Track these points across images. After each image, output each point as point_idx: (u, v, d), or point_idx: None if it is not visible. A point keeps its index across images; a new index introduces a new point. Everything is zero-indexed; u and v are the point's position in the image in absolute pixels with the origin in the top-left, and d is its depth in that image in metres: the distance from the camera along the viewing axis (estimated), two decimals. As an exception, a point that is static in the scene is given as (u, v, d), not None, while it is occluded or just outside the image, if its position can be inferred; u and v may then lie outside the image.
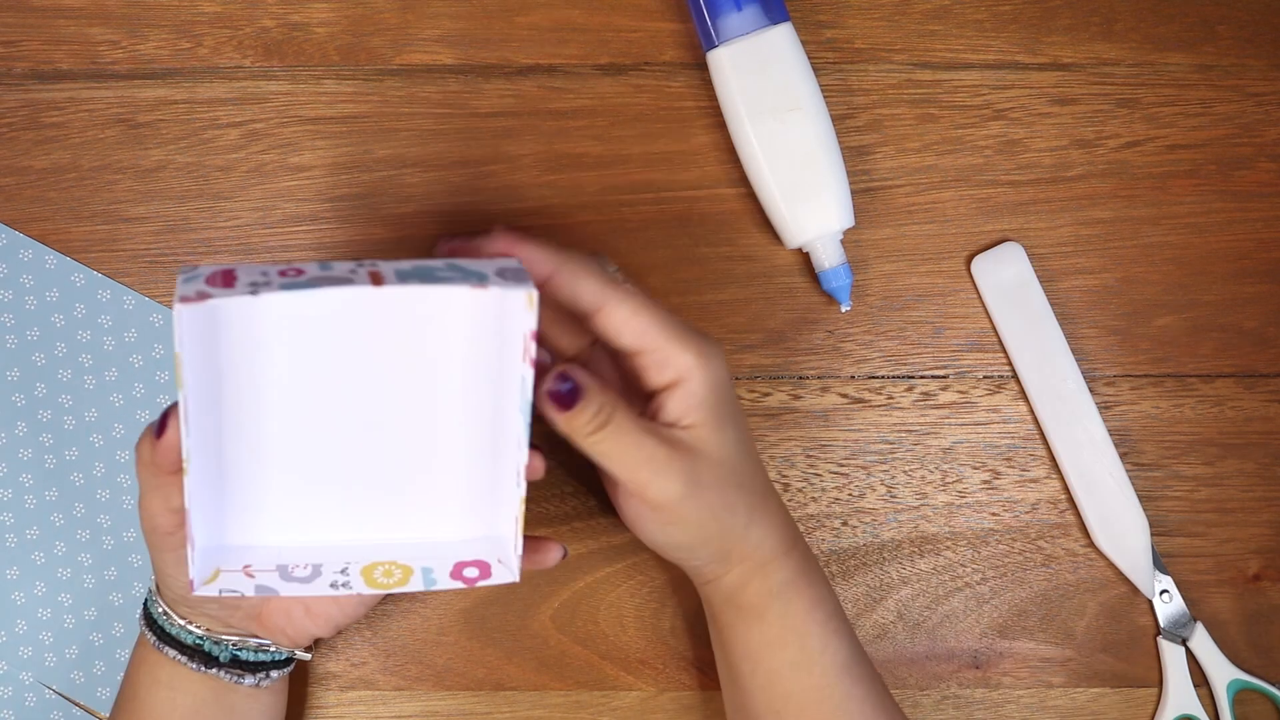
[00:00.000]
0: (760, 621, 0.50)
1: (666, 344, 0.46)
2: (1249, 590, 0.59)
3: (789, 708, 0.50)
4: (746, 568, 0.49)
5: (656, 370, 0.47)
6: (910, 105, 0.60)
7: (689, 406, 0.47)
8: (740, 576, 0.49)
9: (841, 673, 0.50)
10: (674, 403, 0.47)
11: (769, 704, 0.50)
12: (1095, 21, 0.60)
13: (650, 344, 0.46)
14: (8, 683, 0.58)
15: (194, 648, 0.50)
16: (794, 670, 0.49)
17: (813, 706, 0.50)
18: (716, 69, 0.56)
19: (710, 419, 0.47)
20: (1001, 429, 0.59)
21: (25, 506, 0.58)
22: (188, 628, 0.50)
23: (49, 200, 0.59)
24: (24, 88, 0.59)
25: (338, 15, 0.60)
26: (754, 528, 0.49)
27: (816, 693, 0.50)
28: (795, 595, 0.49)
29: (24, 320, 0.59)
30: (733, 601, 0.50)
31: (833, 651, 0.50)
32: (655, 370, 0.47)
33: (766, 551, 0.49)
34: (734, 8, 0.56)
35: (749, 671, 0.50)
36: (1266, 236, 0.60)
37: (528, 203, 0.59)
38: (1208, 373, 0.59)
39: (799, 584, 0.50)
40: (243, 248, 0.59)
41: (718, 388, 0.47)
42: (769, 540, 0.49)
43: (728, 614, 0.51)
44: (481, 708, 0.58)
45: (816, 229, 0.56)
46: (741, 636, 0.50)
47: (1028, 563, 0.59)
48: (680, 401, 0.47)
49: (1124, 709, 0.58)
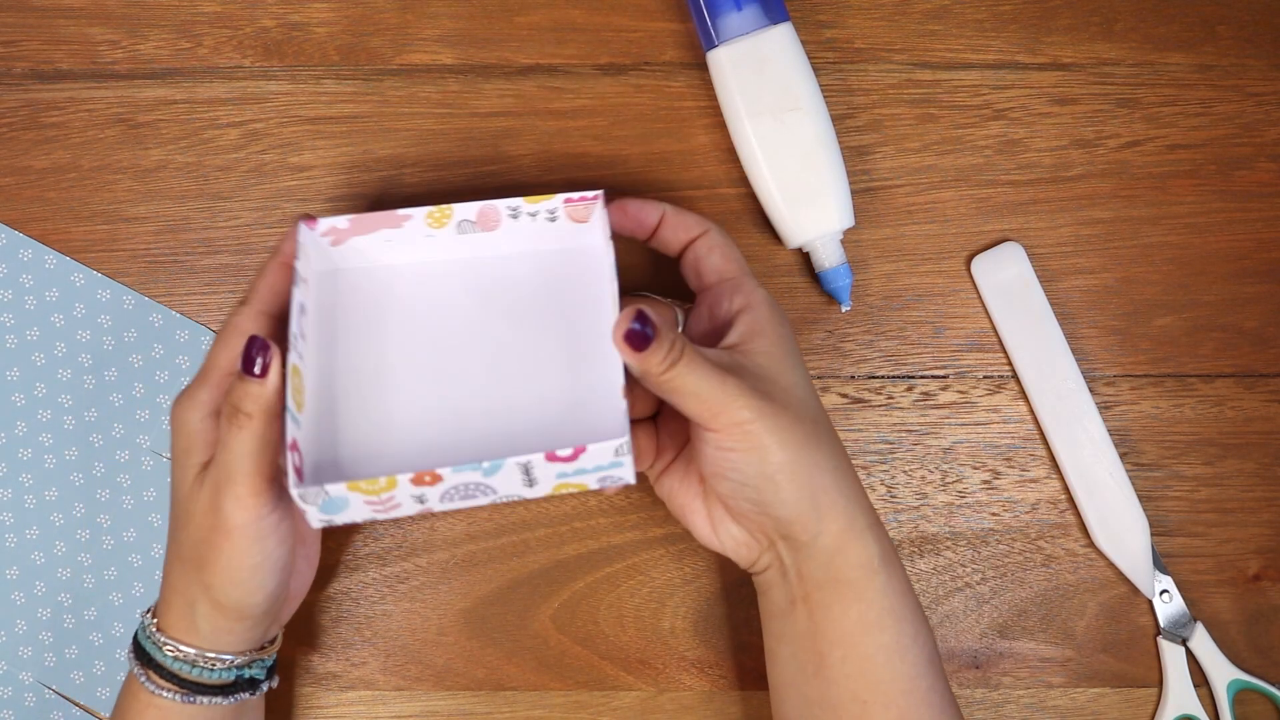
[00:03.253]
0: (860, 600, 0.48)
1: (743, 275, 0.51)
2: (1249, 590, 0.59)
3: (876, 697, 0.48)
4: (841, 526, 0.48)
5: (729, 296, 0.50)
6: (910, 105, 0.60)
7: (755, 330, 0.49)
8: (838, 537, 0.48)
9: (928, 665, 0.49)
10: (742, 324, 0.49)
11: (856, 693, 0.48)
12: (1095, 21, 0.60)
13: (731, 270, 0.51)
14: (8, 683, 0.58)
15: (234, 682, 0.50)
16: (888, 657, 0.48)
17: (901, 698, 0.48)
18: (716, 69, 0.56)
19: (774, 347, 0.49)
20: (1001, 429, 0.59)
21: (25, 506, 0.58)
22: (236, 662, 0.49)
23: (49, 200, 0.59)
24: (24, 88, 0.59)
25: (338, 15, 0.60)
26: (840, 475, 0.48)
27: (907, 682, 0.48)
28: (893, 573, 0.49)
29: (24, 320, 0.59)
30: (832, 573, 0.48)
31: (923, 641, 0.49)
32: (729, 296, 0.50)
33: (859, 510, 0.48)
34: (734, 8, 0.56)
35: (839, 659, 0.48)
36: (1266, 236, 0.60)
37: (528, 203, 0.59)
38: (1208, 373, 0.59)
39: (894, 562, 0.49)
40: (243, 248, 0.59)
41: (782, 325, 0.50)
42: (859, 496, 0.49)
43: (824, 592, 0.48)
44: (481, 708, 0.58)
45: (816, 229, 0.56)
46: (838, 618, 0.48)
47: (1028, 563, 0.59)
48: (747, 324, 0.49)
49: (1124, 709, 0.58)
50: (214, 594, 0.48)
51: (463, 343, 0.51)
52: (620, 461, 0.46)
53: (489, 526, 0.58)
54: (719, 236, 0.52)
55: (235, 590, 0.48)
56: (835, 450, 0.49)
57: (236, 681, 0.50)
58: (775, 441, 0.46)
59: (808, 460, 0.47)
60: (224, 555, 0.47)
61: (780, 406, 0.47)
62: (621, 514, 0.58)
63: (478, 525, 0.58)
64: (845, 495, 0.48)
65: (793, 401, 0.48)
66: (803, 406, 0.48)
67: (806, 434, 0.47)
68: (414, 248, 0.52)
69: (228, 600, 0.48)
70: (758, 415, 0.46)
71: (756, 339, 0.49)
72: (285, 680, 0.58)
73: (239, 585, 0.48)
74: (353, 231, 0.51)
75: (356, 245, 0.51)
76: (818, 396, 0.50)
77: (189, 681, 0.49)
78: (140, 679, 0.49)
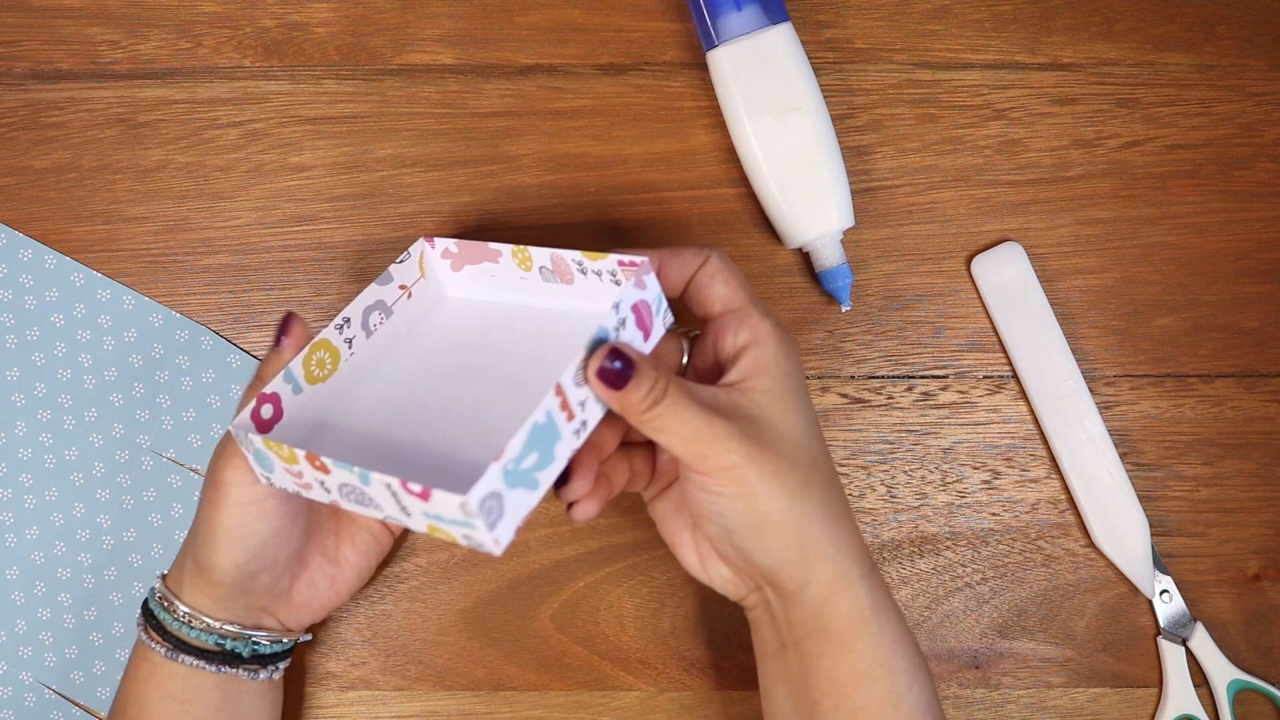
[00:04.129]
0: (850, 653, 0.47)
1: (749, 304, 0.48)
2: (1249, 590, 0.59)
3: None
4: (830, 576, 0.46)
5: (735, 329, 0.48)
6: (910, 105, 0.60)
7: (758, 368, 0.46)
8: (826, 589, 0.47)
9: (925, 711, 0.47)
10: (745, 361, 0.47)
11: None
12: (1095, 21, 0.60)
13: (737, 299, 0.48)
14: (8, 683, 0.58)
15: (216, 650, 0.50)
16: (880, 707, 0.47)
17: None
18: (716, 69, 0.56)
19: (776, 386, 0.46)
20: (1001, 429, 0.59)
21: (25, 506, 0.58)
22: (213, 626, 0.50)
23: (49, 200, 0.59)
24: (24, 88, 0.59)
25: (338, 15, 0.60)
26: (832, 524, 0.46)
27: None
28: (885, 622, 0.47)
29: (24, 320, 0.58)
30: (820, 624, 0.47)
31: (918, 690, 0.47)
32: (734, 329, 0.48)
33: (850, 561, 0.47)
34: (734, 8, 0.56)
35: (831, 708, 0.47)
36: (1266, 236, 0.60)
37: (528, 203, 0.59)
38: (1208, 373, 0.59)
39: (889, 610, 0.47)
40: (242, 248, 0.59)
41: (788, 360, 0.47)
42: (851, 547, 0.47)
43: (814, 642, 0.47)
44: (481, 708, 0.58)
45: (816, 229, 0.56)
46: (828, 669, 0.47)
47: (1028, 563, 0.59)
48: (750, 361, 0.47)
49: (1124, 709, 0.58)
50: (195, 551, 0.50)
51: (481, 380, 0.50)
52: (470, 522, 0.41)
53: (489, 526, 0.58)
54: (720, 262, 0.49)
55: (207, 548, 0.49)
56: (830, 497, 0.47)
57: (218, 650, 0.50)
58: (765, 489, 0.45)
59: (798, 510, 0.45)
60: (206, 510, 0.49)
61: (773, 452, 0.45)
62: (621, 514, 0.58)
63: (478, 525, 0.58)
64: (836, 545, 0.46)
65: (788, 446, 0.46)
66: (799, 451, 0.46)
67: (800, 481, 0.45)
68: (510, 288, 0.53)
69: (201, 557, 0.49)
70: (747, 460, 0.44)
71: (757, 377, 0.46)
72: (285, 680, 0.58)
73: (210, 543, 0.49)
74: (464, 259, 0.53)
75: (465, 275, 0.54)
76: (820, 438, 0.48)
77: (171, 635, 0.50)
78: (139, 630, 0.51)
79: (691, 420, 0.44)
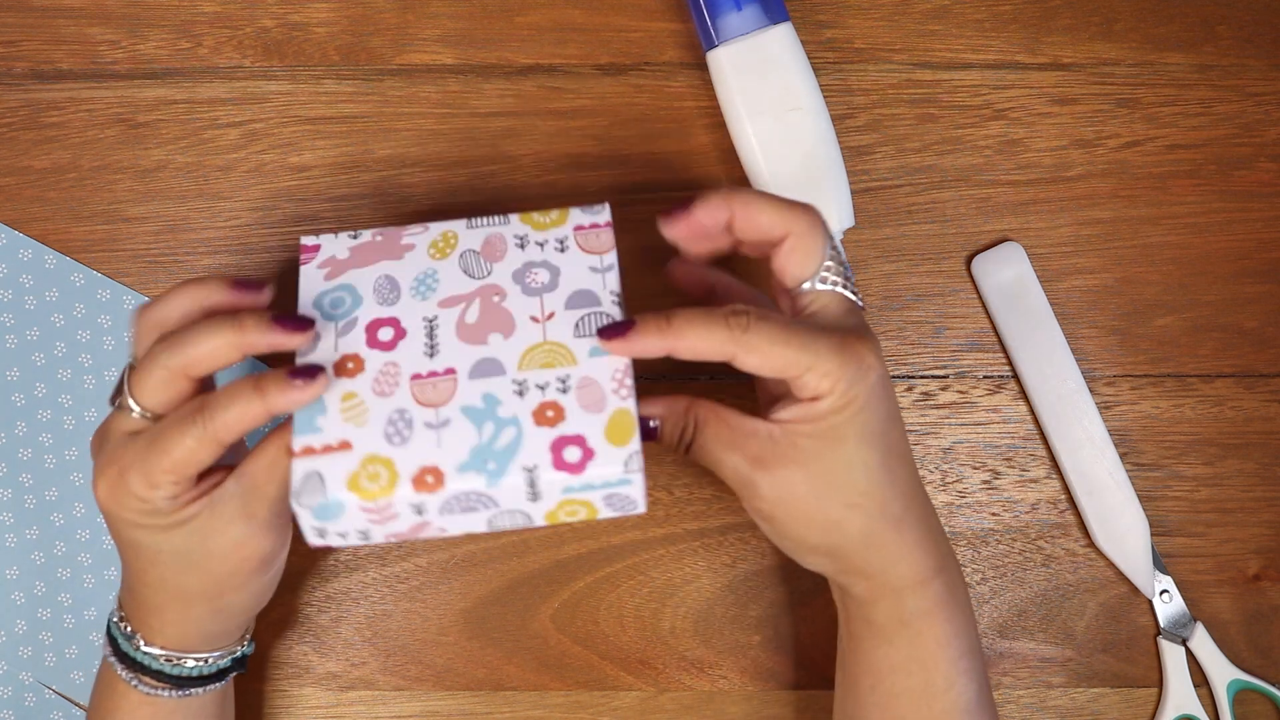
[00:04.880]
0: (888, 645, 0.48)
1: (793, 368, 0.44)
2: (1249, 590, 0.59)
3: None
4: (872, 586, 0.47)
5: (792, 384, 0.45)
6: (910, 105, 0.60)
7: (804, 415, 0.45)
8: (868, 593, 0.48)
9: (964, 713, 0.48)
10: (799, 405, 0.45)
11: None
12: (1095, 21, 0.60)
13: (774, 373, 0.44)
14: (8, 683, 0.58)
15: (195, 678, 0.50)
16: (914, 700, 0.47)
17: None
18: (716, 69, 0.56)
19: (826, 434, 0.45)
20: (1001, 429, 0.59)
21: (25, 506, 0.58)
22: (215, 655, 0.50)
23: (49, 200, 0.59)
24: (24, 88, 0.59)
25: (338, 15, 0.60)
26: (876, 552, 0.47)
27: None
28: (928, 627, 0.47)
29: (24, 320, 0.59)
30: (863, 615, 0.48)
31: (958, 691, 0.47)
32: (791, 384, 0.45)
33: (896, 578, 0.47)
34: (734, 8, 0.56)
35: (869, 687, 0.48)
36: (1266, 236, 0.60)
37: (528, 203, 0.59)
38: (1208, 373, 0.59)
39: (935, 616, 0.47)
40: (242, 248, 0.59)
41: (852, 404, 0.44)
42: (899, 568, 0.47)
43: (857, 625, 0.49)
44: (481, 708, 0.58)
45: None
46: (867, 652, 0.48)
47: (1028, 563, 0.59)
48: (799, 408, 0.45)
49: (1124, 709, 0.58)
50: (232, 610, 0.48)
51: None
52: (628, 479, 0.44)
53: (489, 526, 0.58)
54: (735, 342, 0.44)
55: (255, 605, 0.49)
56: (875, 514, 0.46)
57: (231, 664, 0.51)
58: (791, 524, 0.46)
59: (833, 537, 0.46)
60: (254, 581, 0.47)
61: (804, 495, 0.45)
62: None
63: (478, 525, 0.58)
64: (880, 567, 0.47)
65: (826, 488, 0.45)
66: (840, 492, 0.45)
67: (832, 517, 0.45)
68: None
69: (246, 614, 0.49)
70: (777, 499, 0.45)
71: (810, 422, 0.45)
72: (285, 680, 0.58)
73: (260, 600, 0.49)
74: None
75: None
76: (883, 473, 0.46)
77: (185, 679, 0.49)
78: (133, 683, 0.49)
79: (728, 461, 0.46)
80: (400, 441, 0.45)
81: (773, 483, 0.45)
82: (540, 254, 0.48)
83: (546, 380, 0.46)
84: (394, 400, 0.46)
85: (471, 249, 0.49)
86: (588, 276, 0.48)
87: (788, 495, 0.45)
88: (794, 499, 0.45)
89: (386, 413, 0.45)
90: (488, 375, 0.46)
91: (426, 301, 0.48)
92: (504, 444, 0.45)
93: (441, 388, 0.46)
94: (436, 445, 0.45)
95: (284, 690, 0.58)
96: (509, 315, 0.47)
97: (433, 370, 0.46)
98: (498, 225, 0.49)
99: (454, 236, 0.49)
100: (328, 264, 0.49)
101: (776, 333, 0.43)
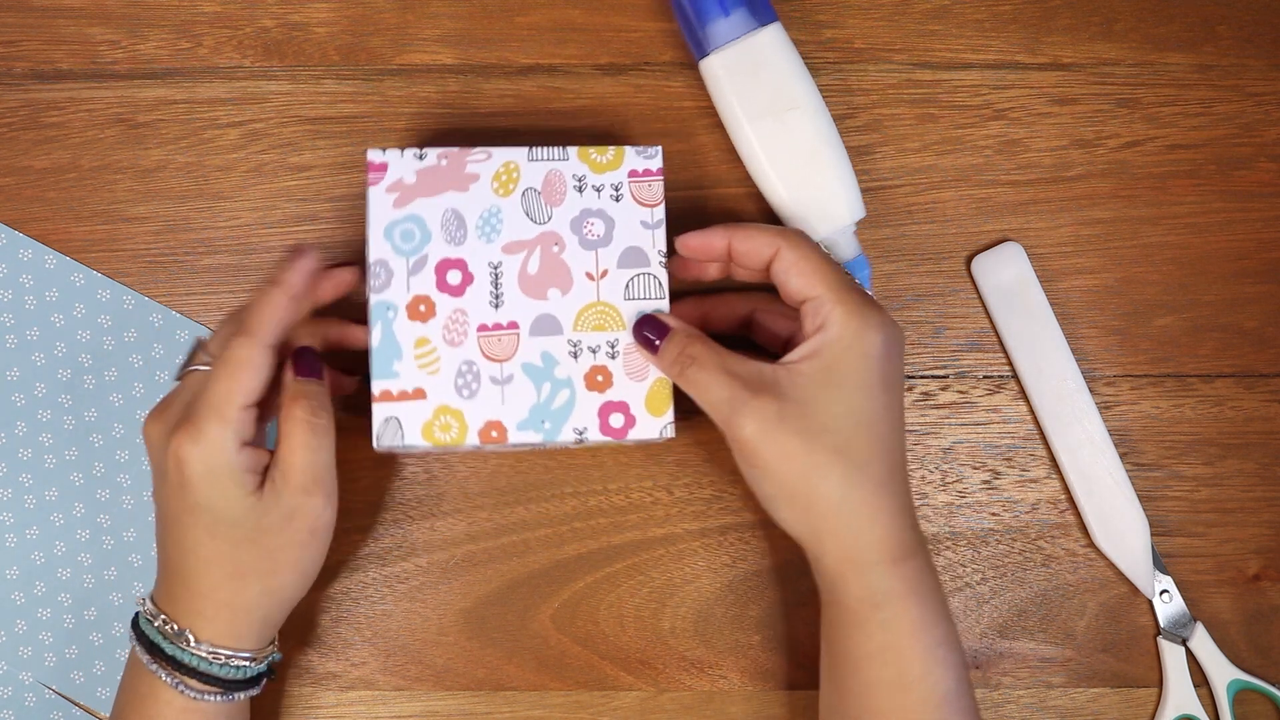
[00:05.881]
0: (860, 631, 0.48)
1: (826, 291, 0.48)
2: (1249, 590, 0.59)
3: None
4: (840, 557, 0.48)
5: (812, 316, 0.48)
6: (910, 105, 0.60)
7: (813, 350, 0.48)
8: (839, 568, 0.48)
9: (940, 703, 0.47)
10: (807, 344, 0.48)
11: (860, 715, 0.48)
12: (1095, 21, 0.60)
13: (811, 290, 0.48)
14: (8, 683, 0.58)
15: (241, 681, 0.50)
16: (890, 690, 0.47)
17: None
18: (711, 77, 0.56)
19: (822, 373, 0.47)
20: (1001, 429, 0.59)
21: (25, 506, 0.58)
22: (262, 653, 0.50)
23: (49, 200, 0.59)
24: (24, 88, 0.59)
25: (338, 15, 0.60)
26: (851, 511, 0.47)
27: (912, 714, 0.47)
28: (901, 612, 0.47)
29: (24, 320, 0.59)
30: (834, 597, 0.49)
31: (934, 680, 0.47)
32: (811, 316, 0.48)
33: (869, 550, 0.47)
34: (721, 13, 0.55)
35: (847, 674, 0.49)
36: (1266, 236, 0.60)
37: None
38: (1208, 373, 0.59)
39: (907, 600, 0.47)
40: (243, 248, 0.59)
41: (853, 349, 0.47)
42: (873, 536, 0.47)
43: (832, 610, 0.49)
44: (481, 708, 0.58)
45: (830, 225, 0.56)
46: (841, 639, 0.49)
47: (1028, 563, 0.59)
48: (811, 345, 0.48)
49: (1124, 709, 0.58)
50: (283, 594, 0.50)
51: None
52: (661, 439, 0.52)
53: (489, 526, 0.58)
54: (791, 254, 0.49)
55: (304, 582, 0.51)
56: (855, 481, 0.47)
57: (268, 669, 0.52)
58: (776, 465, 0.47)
59: (807, 489, 0.47)
60: (308, 555, 0.50)
61: (792, 431, 0.46)
62: (621, 514, 0.58)
63: (478, 525, 0.58)
64: (854, 529, 0.47)
65: (813, 427, 0.46)
66: (824, 434, 0.46)
67: (815, 464, 0.46)
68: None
69: (295, 595, 0.51)
70: (760, 435, 0.47)
71: (809, 360, 0.48)
72: (285, 680, 0.58)
73: (308, 576, 0.51)
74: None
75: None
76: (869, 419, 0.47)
77: (232, 682, 0.50)
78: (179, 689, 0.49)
79: (718, 389, 0.47)
80: (469, 395, 0.51)
81: (761, 412, 0.46)
82: (597, 201, 0.52)
83: (598, 344, 0.52)
84: (463, 351, 0.51)
85: (533, 187, 0.52)
86: (639, 233, 0.52)
87: (773, 428, 0.46)
88: (779, 433, 0.46)
89: (456, 364, 0.51)
90: (546, 333, 0.52)
91: (491, 245, 0.52)
92: (559, 405, 0.51)
93: (506, 342, 0.52)
94: (500, 402, 0.51)
95: (284, 690, 0.58)
96: (567, 270, 0.52)
97: (497, 323, 0.52)
98: (557, 161, 0.53)
99: (516, 169, 0.52)
100: (395, 188, 0.52)
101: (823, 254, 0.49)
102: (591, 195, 0.52)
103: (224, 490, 0.48)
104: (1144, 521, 0.58)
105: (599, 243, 0.52)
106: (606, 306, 0.52)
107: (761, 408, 0.46)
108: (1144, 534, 0.58)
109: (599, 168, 0.53)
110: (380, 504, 0.58)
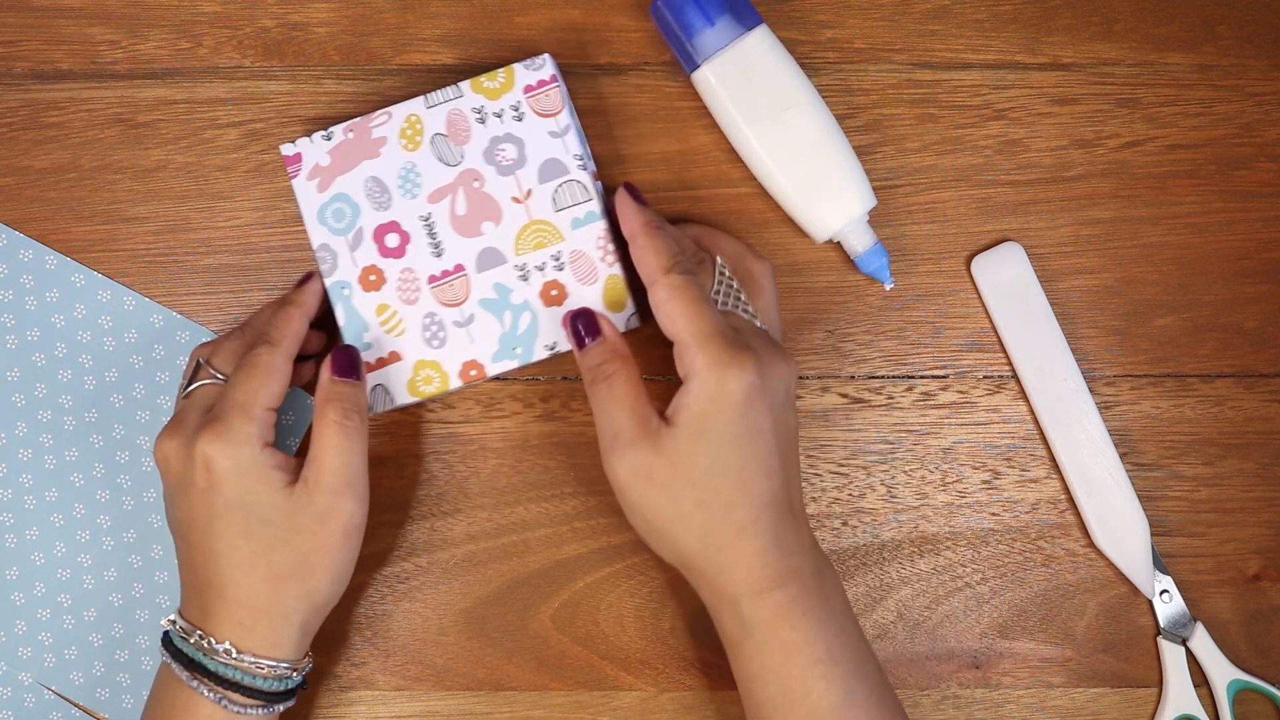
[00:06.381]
0: (741, 654, 0.49)
1: (690, 339, 0.48)
2: (1249, 590, 0.59)
3: None
4: (712, 591, 0.49)
5: (679, 362, 0.49)
6: (910, 105, 0.60)
7: (680, 405, 0.48)
8: (711, 598, 0.50)
9: (828, 715, 0.48)
10: (677, 395, 0.49)
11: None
12: (1095, 21, 0.60)
13: (676, 334, 0.49)
14: (8, 683, 0.58)
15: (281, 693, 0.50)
16: (775, 708, 0.49)
17: None
18: (705, 87, 0.56)
19: (693, 424, 0.48)
20: (1001, 429, 0.59)
21: (25, 506, 0.58)
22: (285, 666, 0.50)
23: (49, 200, 0.59)
24: (24, 88, 0.59)
25: (338, 15, 0.60)
26: (714, 554, 0.48)
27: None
28: (770, 636, 0.48)
29: (24, 320, 0.58)
30: (718, 625, 0.50)
31: (817, 696, 0.48)
32: (679, 361, 0.49)
33: (731, 584, 0.48)
34: (706, 24, 0.55)
35: (743, 693, 0.50)
36: (1266, 236, 0.60)
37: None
38: (1208, 373, 0.59)
39: (776, 625, 0.48)
40: (242, 248, 0.59)
41: (715, 400, 0.47)
42: (733, 573, 0.48)
43: (719, 636, 0.51)
44: (481, 708, 0.58)
45: (842, 218, 0.56)
46: (732, 658, 0.50)
47: (1028, 563, 0.59)
48: (678, 398, 0.48)
49: (1124, 709, 0.58)
50: (318, 598, 0.50)
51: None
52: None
53: (489, 526, 0.58)
54: (661, 293, 0.49)
55: (337, 587, 0.51)
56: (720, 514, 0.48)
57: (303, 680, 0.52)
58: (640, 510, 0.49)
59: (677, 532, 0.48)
60: (341, 558, 0.50)
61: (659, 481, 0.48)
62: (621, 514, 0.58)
63: (478, 525, 0.58)
64: (715, 568, 0.48)
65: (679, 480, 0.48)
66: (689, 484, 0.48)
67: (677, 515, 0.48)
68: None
69: (329, 600, 0.51)
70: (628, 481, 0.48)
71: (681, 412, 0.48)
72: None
73: (341, 581, 0.51)
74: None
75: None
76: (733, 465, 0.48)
77: (274, 694, 0.50)
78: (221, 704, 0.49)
79: (610, 418, 0.49)
80: (439, 344, 0.53)
81: (633, 461, 0.48)
82: (501, 126, 0.54)
83: (543, 261, 0.53)
84: (421, 306, 0.53)
85: (439, 133, 0.54)
86: (549, 144, 0.54)
87: (642, 480, 0.48)
88: (646, 486, 0.48)
89: (419, 319, 0.53)
90: (492, 266, 0.53)
91: (416, 199, 0.54)
92: (524, 329, 0.53)
93: (458, 286, 0.54)
94: (470, 342, 0.53)
95: (284, 690, 0.58)
96: (493, 201, 0.54)
97: (444, 270, 0.53)
98: (453, 99, 0.54)
99: (418, 120, 0.54)
100: (315, 174, 0.54)
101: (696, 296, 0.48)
102: (495, 123, 0.54)
103: (253, 486, 0.49)
104: (1144, 521, 0.58)
105: (515, 165, 0.54)
106: (541, 223, 0.53)
107: (634, 458, 0.48)
108: (1144, 534, 0.58)
109: (494, 94, 0.54)
110: (380, 504, 0.58)
